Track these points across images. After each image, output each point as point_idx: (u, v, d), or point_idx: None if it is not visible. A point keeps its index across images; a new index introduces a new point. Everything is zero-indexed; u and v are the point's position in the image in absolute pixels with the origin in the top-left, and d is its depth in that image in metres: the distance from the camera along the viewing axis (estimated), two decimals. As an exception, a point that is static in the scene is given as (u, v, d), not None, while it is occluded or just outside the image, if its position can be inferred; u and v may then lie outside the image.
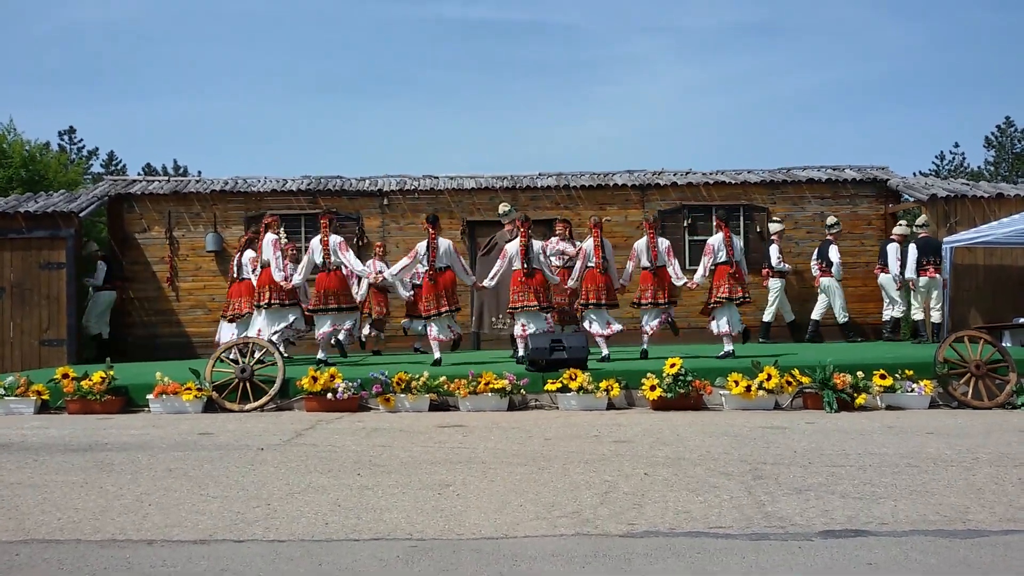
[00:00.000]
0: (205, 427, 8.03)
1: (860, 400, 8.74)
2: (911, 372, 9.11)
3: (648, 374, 9.03)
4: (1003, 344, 10.55)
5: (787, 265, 14.27)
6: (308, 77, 76.81)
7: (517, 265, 10.27)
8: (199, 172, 41.40)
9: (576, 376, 9.05)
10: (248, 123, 76.20)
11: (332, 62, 78.63)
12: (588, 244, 10.68)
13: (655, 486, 5.22)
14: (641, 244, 10.90)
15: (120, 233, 15.32)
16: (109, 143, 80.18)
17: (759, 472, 5.61)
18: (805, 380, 8.96)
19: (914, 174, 21.10)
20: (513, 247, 10.35)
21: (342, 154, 73.03)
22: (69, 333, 13.85)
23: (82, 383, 9.23)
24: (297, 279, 10.67)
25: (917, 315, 13.67)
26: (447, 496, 5.04)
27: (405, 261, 10.66)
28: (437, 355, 10.46)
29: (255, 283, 11.10)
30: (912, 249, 13.44)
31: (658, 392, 8.87)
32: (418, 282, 11.31)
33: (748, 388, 8.84)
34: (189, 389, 9.14)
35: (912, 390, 8.99)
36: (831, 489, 5.11)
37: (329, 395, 8.98)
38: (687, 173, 16.49)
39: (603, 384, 9.01)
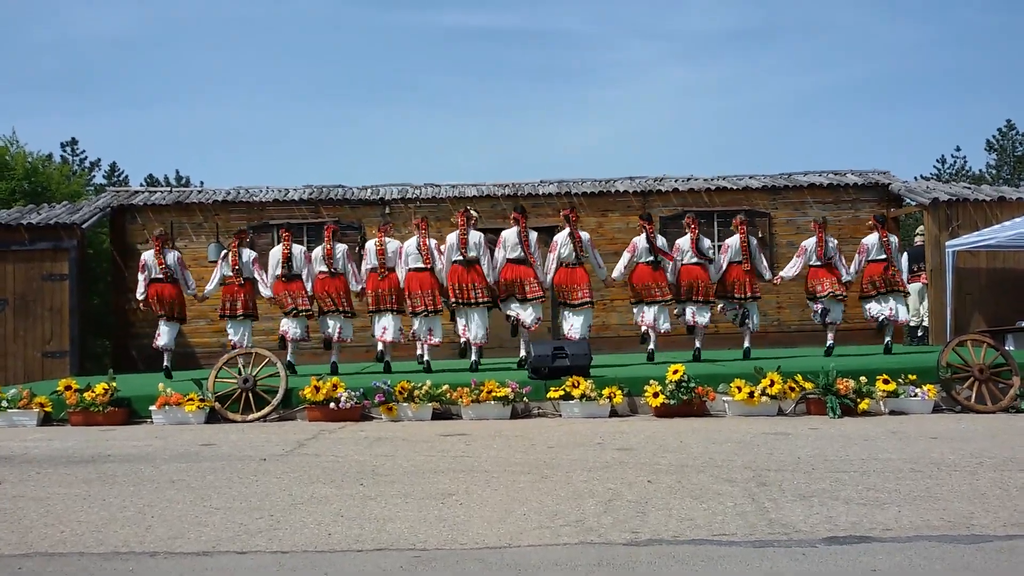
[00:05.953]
0: (208, 438, 8.03)
1: (863, 405, 8.73)
2: (914, 377, 9.08)
3: (651, 381, 9.02)
4: (1006, 348, 10.53)
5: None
6: (309, 86, 76.99)
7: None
8: (201, 182, 41.36)
9: (579, 383, 9.04)
10: (250, 133, 76.39)
11: (333, 71, 78.83)
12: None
13: (658, 493, 5.21)
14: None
15: (123, 244, 15.37)
16: (111, 154, 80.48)
17: (763, 479, 5.59)
18: (808, 386, 8.95)
19: (915, 178, 21.13)
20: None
21: (344, 163, 73.17)
22: (72, 345, 13.88)
23: (85, 395, 9.23)
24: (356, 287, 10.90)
25: (911, 320, 13.80)
26: (450, 505, 5.03)
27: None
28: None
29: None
30: (904, 257, 13.61)
31: (661, 399, 8.85)
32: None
33: (751, 394, 8.82)
34: (191, 400, 9.14)
35: (915, 395, 8.97)
36: (835, 495, 5.09)
37: (331, 405, 8.97)
38: (688, 179, 16.51)
39: (606, 391, 9.00)
